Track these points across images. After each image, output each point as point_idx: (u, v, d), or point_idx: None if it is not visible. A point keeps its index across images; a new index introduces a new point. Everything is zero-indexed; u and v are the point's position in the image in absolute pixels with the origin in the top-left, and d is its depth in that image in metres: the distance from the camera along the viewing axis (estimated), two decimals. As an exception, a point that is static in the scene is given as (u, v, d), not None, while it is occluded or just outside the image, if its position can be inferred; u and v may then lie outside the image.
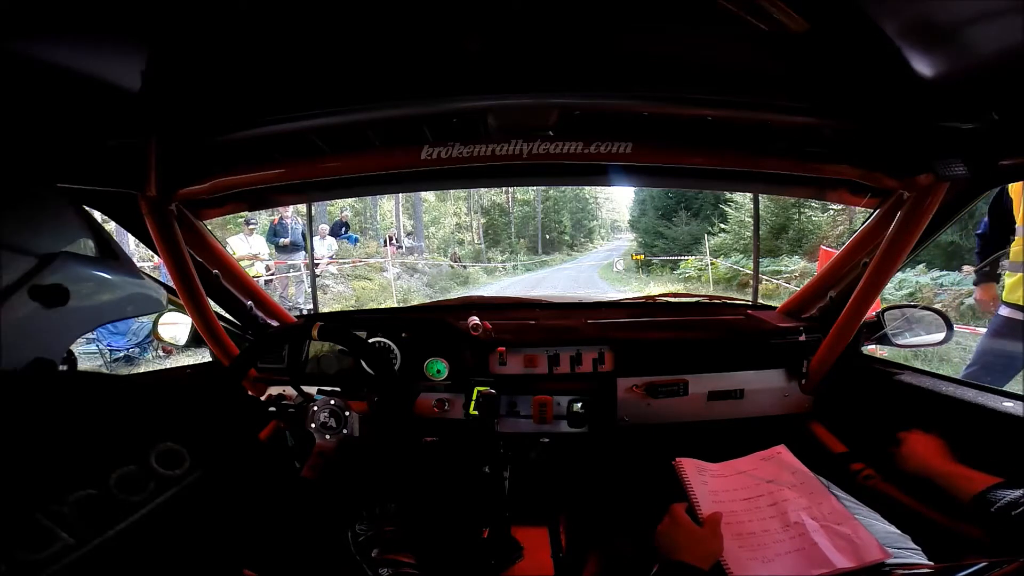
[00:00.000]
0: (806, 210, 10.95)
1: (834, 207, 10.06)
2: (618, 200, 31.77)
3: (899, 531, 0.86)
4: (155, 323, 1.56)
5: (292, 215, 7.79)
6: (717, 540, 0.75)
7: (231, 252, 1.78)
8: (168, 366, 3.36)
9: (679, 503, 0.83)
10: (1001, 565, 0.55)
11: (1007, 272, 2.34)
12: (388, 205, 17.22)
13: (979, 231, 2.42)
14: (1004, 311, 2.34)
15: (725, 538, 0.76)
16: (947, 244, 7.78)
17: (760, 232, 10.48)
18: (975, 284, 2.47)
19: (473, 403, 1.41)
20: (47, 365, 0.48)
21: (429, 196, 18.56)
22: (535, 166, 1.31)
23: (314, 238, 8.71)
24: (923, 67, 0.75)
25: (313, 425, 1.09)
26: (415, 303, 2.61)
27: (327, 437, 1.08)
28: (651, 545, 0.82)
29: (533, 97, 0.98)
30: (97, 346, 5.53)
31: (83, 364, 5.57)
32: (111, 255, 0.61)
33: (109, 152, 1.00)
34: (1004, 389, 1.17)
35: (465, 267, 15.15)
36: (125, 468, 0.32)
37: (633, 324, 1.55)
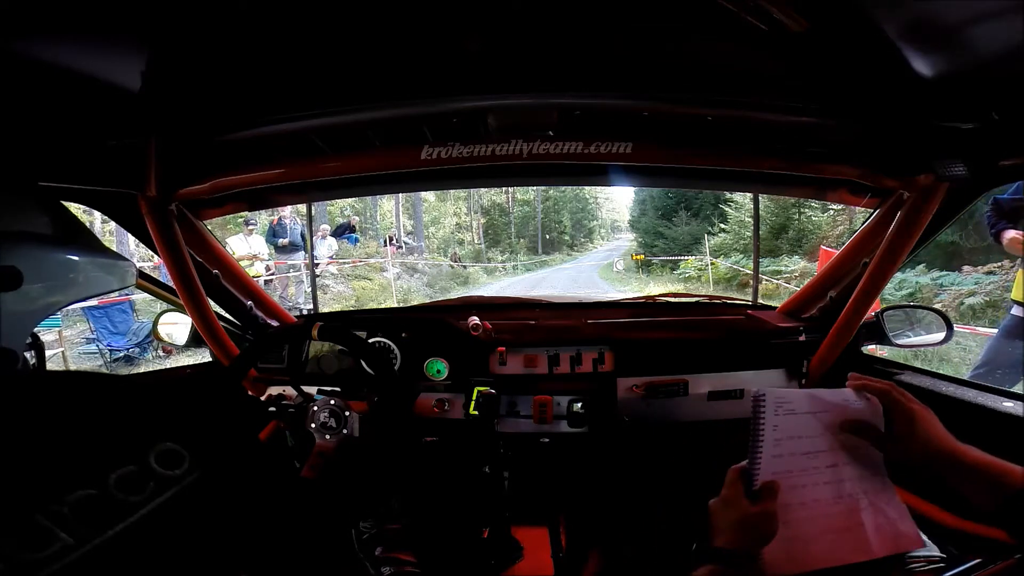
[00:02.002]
0: (806, 210, 10.95)
1: (834, 207, 10.06)
2: (618, 200, 31.78)
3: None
4: (155, 323, 1.57)
5: (291, 215, 7.79)
6: (771, 521, 0.64)
7: (231, 252, 1.78)
8: (168, 366, 3.36)
9: (737, 465, 0.71)
10: (996, 561, 0.55)
11: (1019, 270, 2.33)
12: (388, 205, 17.23)
13: (998, 199, 2.32)
14: (1017, 311, 2.34)
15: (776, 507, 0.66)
16: (947, 244, 7.78)
17: (760, 232, 10.47)
18: (999, 232, 2.32)
19: (473, 403, 1.41)
20: (8, 355, 0.46)
21: (429, 196, 18.56)
22: (535, 166, 1.31)
23: (314, 238, 8.72)
24: (923, 67, 0.75)
25: (313, 425, 1.09)
26: (415, 303, 2.61)
27: (327, 437, 1.08)
28: (652, 546, 0.79)
29: (533, 97, 0.98)
30: (97, 346, 5.53)
31: (83, 364, 5.58)
32: (72, 235, 0.59)
33: (109, 152, 1.00)
34: (1005, 389, 1.17)
35: (465, 267, 15.16)
36: (124, 468, 0.31)
37: (633, 324, 1.55)
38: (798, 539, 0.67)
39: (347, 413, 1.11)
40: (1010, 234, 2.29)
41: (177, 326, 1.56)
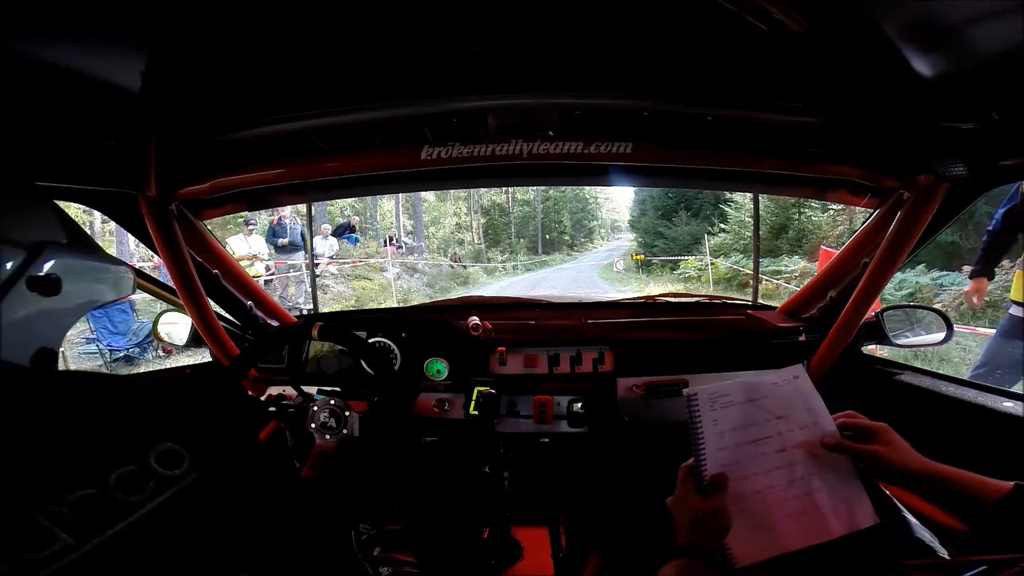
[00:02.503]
0: (806, 210, 10.94)
1: (834, 207, 10.05)
2: (618, 200, 31.79)
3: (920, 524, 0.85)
4: (155, 323, 1.56)
5: (291, 215, 7.79)
6: (721, 515, 0.67)
7: (231, 252, 1.78)
8: (168, 366, 3.36)
9: (687, 463, 0.73)
10: (1003, 569, 0.55)
11: (1018, 271, 2.35)
12: (388, 205, 17.23)
13: (989, 227, 2.43)
14: (1016, 311, 2.36)
15: (727, 500, 0.68)
16: (947, 244, 7.77)
17: (760, 232, 10.47)
18: (970, 277, 2.50)
19: (473, 403, 1.41)
20: (50, 355, 0.48)
21: (429, 196, 18.57)
22: (535, 166, 1.32)
23: (315, 237, 8.72)
24: (923, 67, 0.75)
25: (313, 425, 1.09)
26: (415, 303, 2.61)
27: (327, 437, 1.08)
28: (652, 546, 0.79)
29: (533, 97, 0.98)
30: (97, 346, 5.53)
31: (83, 364, 5.58)
32: (82, 243, 0.61)
33: (109, 152, 1.00)
34: (1005, 389, 1.17)
35: (465, 267, 15.16)
36: (124, 468, 0.31)
37: (633, 324, 1.55)
38: (758, 526, 0.69)
39: (347, 413, 1.11)
40: (968, 286, 2.44)
41: (177, 326, 1.56)
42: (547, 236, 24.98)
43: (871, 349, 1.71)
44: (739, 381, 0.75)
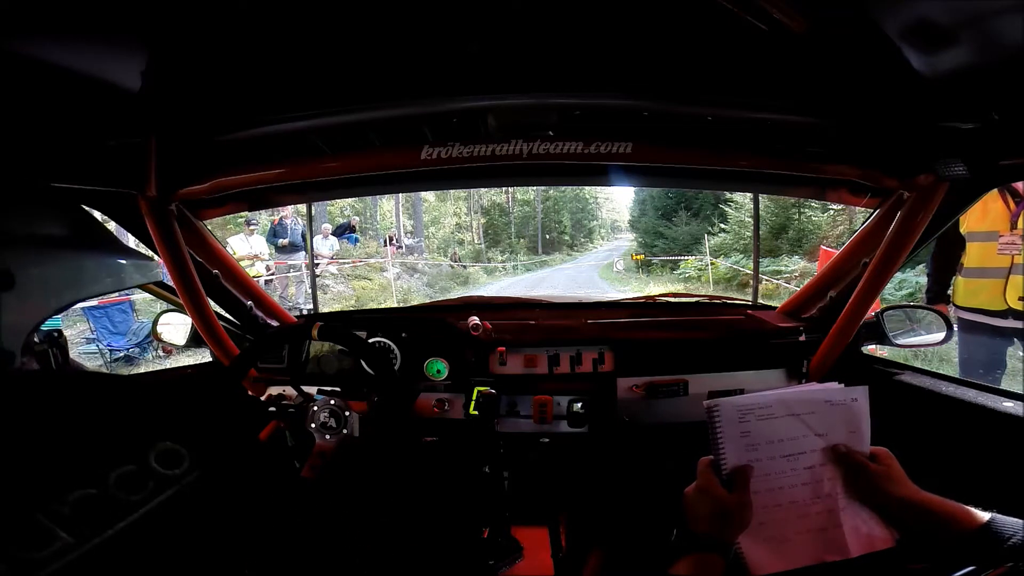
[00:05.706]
0: (806, 210, 10.95)
1: (834, 207, 10.06)
2: (618, 200, 31.79)
3: None
4: (155, 323, 1.57)
5: (292, 216, 7.80)
6: (746, 511, 0.66)
7: (231, 252, 1.78)
8: (168, 366, 3.36)
9: (707, 457, 0.71)
10: (989, 569, 0.55)
11: (958, 277, 2.44)
12: (388, 205, 17.23)
13: (929, 260, 2.56)
14: (959, 312, 2.45)
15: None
16: (947, 244, 7.75)
17: (760, 232, 10.47)
18: (928, 304, 2.53)
19: (473, 403, 1.41)
20: (4, 356, 0.46)
21: (429, 196, 18.57)
22: (535, 166, 1.31)
23: (317, 237, 8.73)
24: (923, 67, 0.75)
25: (313, 425, 1.09)
26: (415, 303, 2.61)
27: (327, 437, 1.08)
28: (652, 545, 0.78)
29: (533, 97, 0.98)
30: (97, 346, 5.54)
31: (83, 364, 5.57)
32: (85, 236, 0.60)
33: (109, 152, 1.00)
34: (1005, 389, 1.17)
35: (465, 267, 15.16)
36: (124, 468, 0.31)
37: (633, 324, 1.55)
38: (776, 539, 0.69)
39: (347, 413, 1.11)
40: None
41: (177, 326, 1.56)
42: (547, 236, 24.98)
43: (871, 349, 1.71)
44: (787, 393, 0.73)
